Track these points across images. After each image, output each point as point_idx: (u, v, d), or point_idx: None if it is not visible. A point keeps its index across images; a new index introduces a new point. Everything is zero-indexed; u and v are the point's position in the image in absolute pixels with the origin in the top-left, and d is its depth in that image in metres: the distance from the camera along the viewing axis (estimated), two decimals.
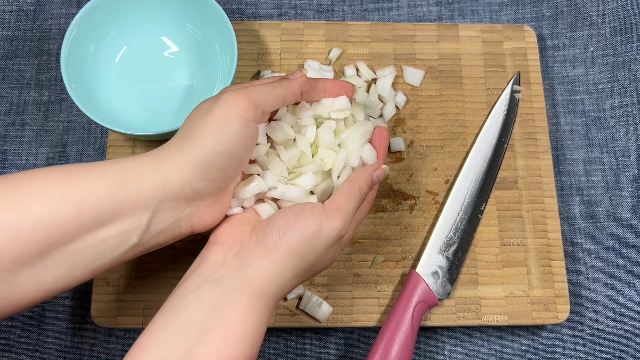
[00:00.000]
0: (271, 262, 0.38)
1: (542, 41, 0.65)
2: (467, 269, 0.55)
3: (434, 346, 0.56)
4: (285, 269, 0.38)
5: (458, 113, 0.60)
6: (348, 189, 0.42)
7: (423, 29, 0.62)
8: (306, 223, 0.39)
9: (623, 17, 0.65)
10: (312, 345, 0.55)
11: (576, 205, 0.60)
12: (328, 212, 0.40)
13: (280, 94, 0.41)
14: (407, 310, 0.50)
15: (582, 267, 0.58)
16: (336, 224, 0.40)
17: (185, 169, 0.38)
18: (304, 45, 0.61)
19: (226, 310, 0.36)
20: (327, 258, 0.41)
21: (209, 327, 0.35)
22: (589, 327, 0.57)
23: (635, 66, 0.64)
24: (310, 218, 0.39)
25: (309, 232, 0.39)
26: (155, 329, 0.36)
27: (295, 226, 0.39)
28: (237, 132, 0.38)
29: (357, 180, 0.43)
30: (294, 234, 0.39)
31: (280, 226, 0.39)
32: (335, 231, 0.40)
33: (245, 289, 0.37)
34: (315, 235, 0.39)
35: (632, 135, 0.62)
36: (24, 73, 0.62)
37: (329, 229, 0.39)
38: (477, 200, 0.55)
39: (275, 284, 0.38)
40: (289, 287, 0.40)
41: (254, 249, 0.39)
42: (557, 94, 0.64)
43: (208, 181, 0.38)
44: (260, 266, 0.38)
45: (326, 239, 0.39)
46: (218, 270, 0.38)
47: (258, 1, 0.65)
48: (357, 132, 0.47)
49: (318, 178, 0.46)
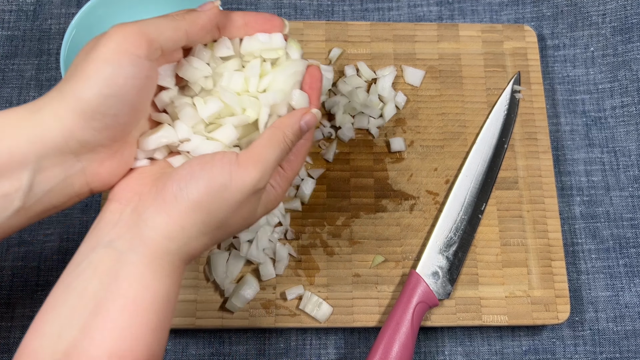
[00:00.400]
0: (170, 217, 0.33)
1: (542, 41, 0.65)
2: (467, 269, 0.55)
3: (434, 346, 0.56)
4: (188, 225, 0.34)
5: (458, 113, 0.60)
6: (270, 137, 0.36)
7: (423, 28, 0.62)
8: (212, 173, 0.34)
9: (623, 17, 0.65)
10: (312, 345, 0.55)
11: (576, 206, 0.60)
12: (241, 162, 0.35)
13: (183, 28, 0.35)
14: (407, 311, 0.50)
15: (582, 267, 0.58)
16: (250, 176, 0.34)
17: (66, 117, 0.32)
18: (304, 45, 0.61)
19: (122, 276, 0.32)
20: (242, 216, 0.36)
21: (105, 297, 0.31)
22: (590, 328, 0.57)
23: (635, 66, 0.64)
24: (218, 168, 0.34)
25: (216, 184, 0.34)
26: (51, 305, 0.32)
27: (199, 176, 0.34)
28: (126, 72, 0.32)
29: (281, 127, 0.37)
30: (197, 186, 0.34)
31: (183, 177, 0.34)
32: (249, 184, 0.34)
33: (142, 250, 0.33)
34: (223, 187, 0.34)
35: (632, 135, 0.62)
36: (24, 73, 0.62)
37: (242, 181, 0.34)
38: (477, 200, 0.55)
39: (177, 243, 0.34)
40: (195, 245, 0.35)
41: (152, 202, 0.34)
42: (557, 94, 0.64)
43: (96, 131, 0.33)
44: (158, 222, 0.33)
45: (238, 193, 0.34)
46: (112, 230, 0.33)
47: (258, 1, 0.65)
48: (285, 74, 0.39)
49: (241, 132, 0.39)
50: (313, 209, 0.56)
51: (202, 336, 0.55)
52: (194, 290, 0.53)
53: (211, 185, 0.34)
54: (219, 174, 0.34)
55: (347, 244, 0.55)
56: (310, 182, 0.56)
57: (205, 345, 0.55)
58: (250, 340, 0.55)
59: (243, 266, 0.53)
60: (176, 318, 0.52)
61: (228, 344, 0.55)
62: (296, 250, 0.54)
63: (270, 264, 0.53)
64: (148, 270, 0.32)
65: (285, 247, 0.54)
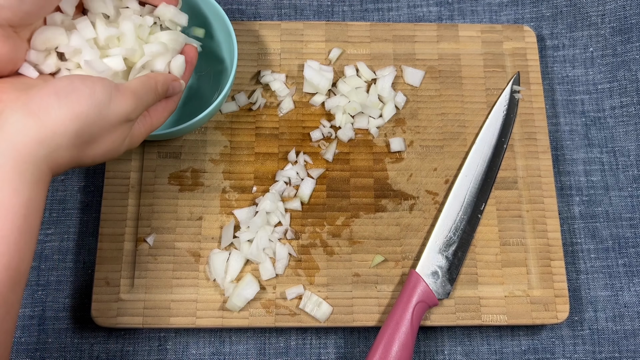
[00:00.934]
0: (42, 122, 0.34)
1: (541, 41, 0.65)
2: (466, 268, 0.55)
3: (433, 346, 0.56)
4: (60, 131, 0.34)
5: (458, 113, 0.60)
6: (144, 80, 0.41)
7: (423, 29, 0.62)
8: (94, 89, 0.36)
9: (623, 17, 0.66)
10: (312, 345, 0.55)
11: (576, 205, 0.60)
12: (120, 89, 0.38)
13: None
14: (407, 310, 0.50)
15: (581, 267, 0.58)
16: (127, 103, 0.38)
17: None
18: (304, 46, 0.61)
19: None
20: (111, 140, 0.38)
21: None
22: (589, 327, 0.57)
23: (634, 66, 0.64)
24: (100, 86, 0.36)
25: (97, 100, 0.36)
26: None
27: (81, 89, 0.35)
28: None
29: (154, 77, 0.42)
30: (80, 97, 0.35)
31: (62, 87, 0.35)
32: (125, 109, 0.38)
33: (10, 154, 0.33)
34: (103, 104, 0.36)
35: (631, 136, 0.62)
36: None
37: (120, 104, 0.37)
38: (476, 200, 0.55)
39: (47, 148, 0.34)
40: (64, 155, 0.36)
41: (21, 107, 0.34)
42: (556, 94, 0.64)
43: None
44: (29, 126, 0.34)
45: (115, 115, 0.37)
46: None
47: (258, 1, 0.65)
48: (169, 37, 0.47)
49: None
50: (313, 209, 0.56)
51: (202, 336, 0.55)
52: (194, 290, 0.53)
53: (92, 99, 0.36)
54: (100, 91, 0.36)
55: (347, 244, 0.55)
56: (310, 182, 0.56)
57: (205, 345, 0.55)
58: (250, 340, 0.55)
59: (243, 266, 0.53)
60: (176, 318, 0.52)
61: (228, 344, 0.55)
62: (296, 250, 0.55)
63: (270, 263, 0.53)
64: (16, 174, 0.33)
65: (285, 246, 0.54)
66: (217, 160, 0.57)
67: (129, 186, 0.56)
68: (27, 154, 0.33)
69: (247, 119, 0.58)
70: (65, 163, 0.36)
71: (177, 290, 0.53)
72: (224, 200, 0.56)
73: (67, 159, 0.36)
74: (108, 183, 0.56)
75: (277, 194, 0.55)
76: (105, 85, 0.37)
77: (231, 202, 0.56)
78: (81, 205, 0.58)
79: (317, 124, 0.59)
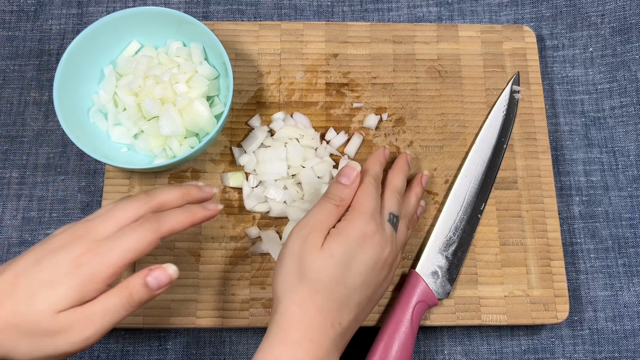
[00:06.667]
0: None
1: (541, 41, 0.65)
2: (466, 268, 0.55)
3: (433, 346, 0.56)
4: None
5: (458, 113, 0.60)
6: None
7: (423, 29, 0.62)
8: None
9: (622, 18, 0.66)
10: None
11: (575, 205, 0.60)
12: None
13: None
14: (406, 310, 0.50)
15: (581, 267, 0.58)
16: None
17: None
18: (304, 46, 0.61)
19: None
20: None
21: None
22: (588, 327, 0.57)
23: (634, 66, 0.64)
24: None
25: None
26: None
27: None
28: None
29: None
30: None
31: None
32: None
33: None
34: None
35: (631, 136, 0.62)
36: (25, 73, 0.62)
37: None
38: (476, 200, 0.55)
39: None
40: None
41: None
42: (556, 94, 0.64)
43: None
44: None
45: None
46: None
47: (258, 1, 0.66)
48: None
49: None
50: None
51: (202, 336, 0.55)
52: (194, 290, 0.53)
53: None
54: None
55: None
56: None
57: (205, 345, 0.55)
58: (250, 340, 0.55)
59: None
60: (176, 318, 0.52)
61: (228, 344, 0.55)
62: None
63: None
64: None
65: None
66: (217, 161, 0.57)
67: (129, 186, 0.56)
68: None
69: (247, 119, 0.58)
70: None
71: (177, 290, 0.53)
72: (224, 200, 0.56)
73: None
74: (108, 183, 0.56)
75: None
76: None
77: (231, 202, 0.56)
78: (81, 205, 0.58)
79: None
